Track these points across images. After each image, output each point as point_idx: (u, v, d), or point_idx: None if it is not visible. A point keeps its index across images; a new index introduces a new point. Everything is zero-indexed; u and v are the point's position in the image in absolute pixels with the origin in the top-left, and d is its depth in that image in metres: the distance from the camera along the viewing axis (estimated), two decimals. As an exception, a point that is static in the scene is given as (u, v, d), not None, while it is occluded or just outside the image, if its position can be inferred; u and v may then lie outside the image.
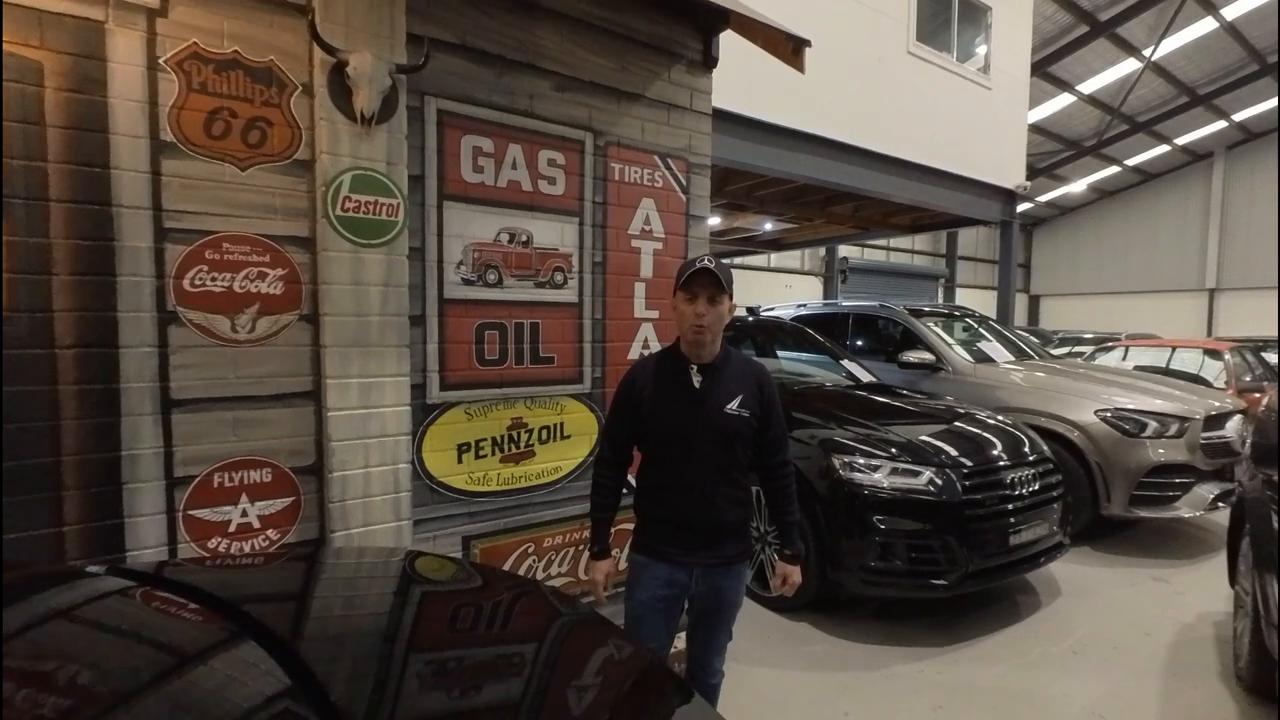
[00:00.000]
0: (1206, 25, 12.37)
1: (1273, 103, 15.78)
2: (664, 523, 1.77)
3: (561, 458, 2.37)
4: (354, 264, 1.83)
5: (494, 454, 2.23)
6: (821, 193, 6.90)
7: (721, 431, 1.72)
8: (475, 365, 2.18)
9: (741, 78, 5.11)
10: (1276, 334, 11.65)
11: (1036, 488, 3.19)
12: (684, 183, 2.64)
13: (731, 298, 1.72)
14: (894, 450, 3.10)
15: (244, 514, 1.78)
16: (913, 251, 19.99)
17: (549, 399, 2.33)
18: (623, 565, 2.15)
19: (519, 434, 2.27)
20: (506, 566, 2.28)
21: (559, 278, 2.33)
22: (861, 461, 3.07)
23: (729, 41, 2.65)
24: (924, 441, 3.23)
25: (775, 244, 10.47)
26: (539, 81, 2.25)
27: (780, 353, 5.54)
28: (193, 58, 1.66)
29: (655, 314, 2.59)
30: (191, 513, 1.71)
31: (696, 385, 1.72)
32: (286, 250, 1.81)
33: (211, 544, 1.74)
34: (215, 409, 1.72)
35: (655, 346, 2.59)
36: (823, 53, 5.83)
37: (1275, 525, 2.25)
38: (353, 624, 1.07)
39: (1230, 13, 11.96)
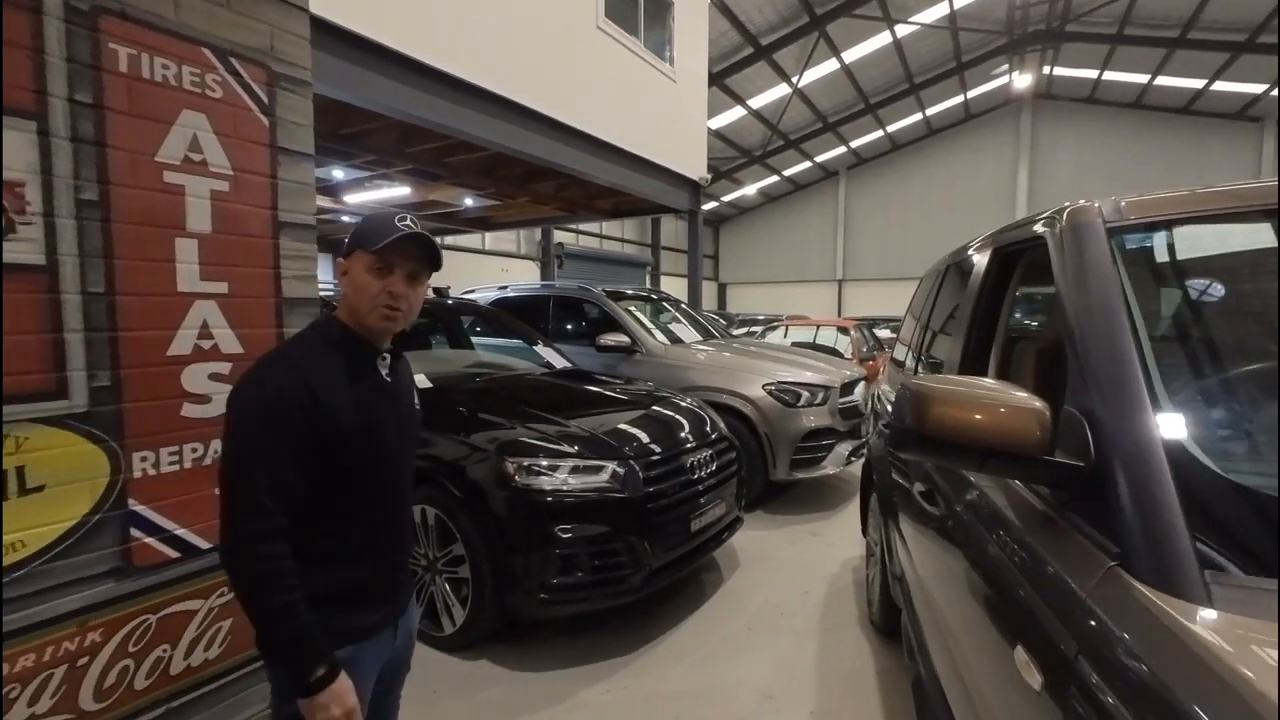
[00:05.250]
0: (831, 65, 15.28)
1: (877, 134, 20.48)
2: (362, 586, 1.20)
3: (26, 525, 1.42)
4: None
5: None
6: (520, 165, 6.46)
7: (416, 438, 1.36)
8: None
9: (422, 22, 4.34)
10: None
11: (715, 468, 3.18)
12: (265, 100, 1.84)
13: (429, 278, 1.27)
14: (577, 446, 2.76)
15: None
16: (623, 240, 21.20)
17: (-16, 430, 1.36)
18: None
19: (-96, 499, 1.27)
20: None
21: (-8, 221, 1.36)
22: (545, 464, 2.66)
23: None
24: (613, 432, 2.97)
25: (482, 223, 9.81)
26: None
27: (476, 340, 4.98)
28: None
29: (221, 287, 1.76)
30: None
31: (388, 379, 1.25)
32: None
33: None
34: None
35: (225, 332, 1.77)
36: (513, 11, 5.42)
37: (892, 492, 2.44)
38: None
39: (848, 57, 14.95)
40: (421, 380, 3.53)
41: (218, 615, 1.81)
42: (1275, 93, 15.19)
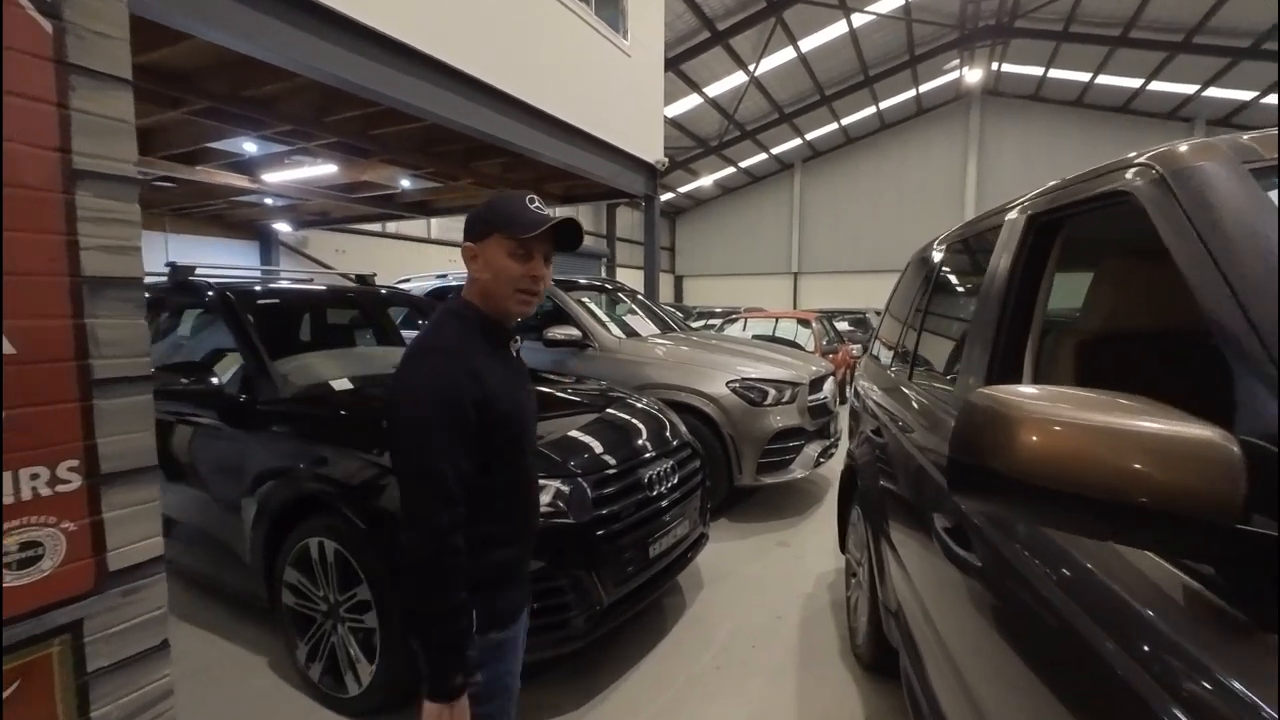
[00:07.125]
0: (788, 54, 15.05)
1: (831, 126, 20.44)
2: (515, 565, 1.25)
3: None
4: None
5: None
6: (460, 141, 5.89)
7: (535, 417, 1.37)
8: None
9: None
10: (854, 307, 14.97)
11: (676, 481, 2.77)
12: (47, -4, 1.30)
13: None
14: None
15: None
16: (578, 230, 20.60)
17: None
18: None
19: None
20: None
21: None
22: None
23: None
24: (559, 442, 2.51)
25: (423, 207, 9.12)
26: None
27: (409, 334, 4.42)
28: None
29: (-26, 260, 1.22)
30: None
31: (518, 360, 1.30)
32: None
33: None
34: None
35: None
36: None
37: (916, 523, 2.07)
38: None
39: (805, 45, 14.73)
40: (342, 383, 3.00)
41: (-15, 725, 1.27)
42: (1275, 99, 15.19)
